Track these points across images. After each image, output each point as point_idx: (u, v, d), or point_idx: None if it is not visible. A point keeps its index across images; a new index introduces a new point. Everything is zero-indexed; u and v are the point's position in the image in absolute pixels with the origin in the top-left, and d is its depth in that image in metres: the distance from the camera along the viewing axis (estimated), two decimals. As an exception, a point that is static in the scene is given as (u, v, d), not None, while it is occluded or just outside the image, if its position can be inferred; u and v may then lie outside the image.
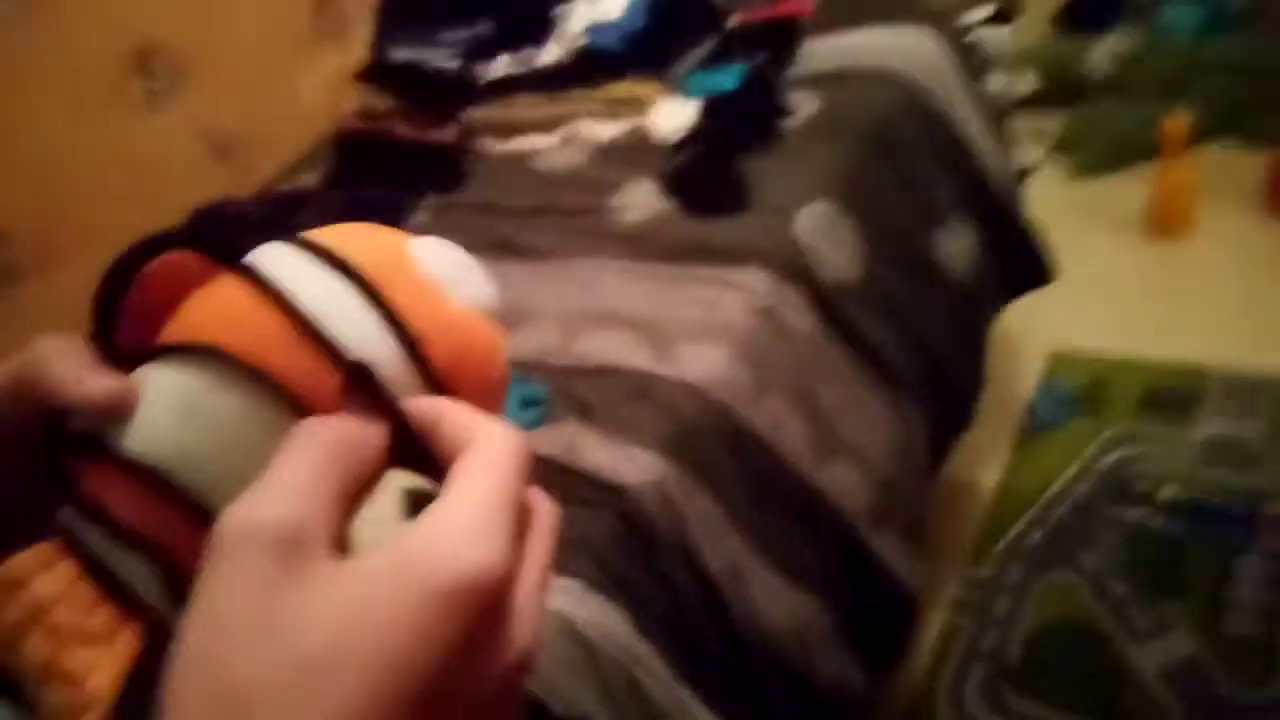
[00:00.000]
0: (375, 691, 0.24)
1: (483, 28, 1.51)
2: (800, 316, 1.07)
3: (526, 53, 1.51)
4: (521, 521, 0.28)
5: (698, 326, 1.02)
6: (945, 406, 1.25)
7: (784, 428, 1.02)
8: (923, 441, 1.19)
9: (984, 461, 1.53)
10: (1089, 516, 1.41)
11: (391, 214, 1.32)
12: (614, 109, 1.44)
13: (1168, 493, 1.42)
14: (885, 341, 1.15)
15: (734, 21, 1.57)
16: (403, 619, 0.24)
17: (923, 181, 1.26)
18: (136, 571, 0.31)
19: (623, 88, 1.44)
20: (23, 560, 0.31)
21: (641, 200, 1.24)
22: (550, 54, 1.48)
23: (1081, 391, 1.61)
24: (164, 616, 0.31)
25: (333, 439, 0.28)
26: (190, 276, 0.34)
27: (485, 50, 1.50)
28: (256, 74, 1.55)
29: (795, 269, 1.08)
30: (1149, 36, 2.31)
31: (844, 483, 1.07)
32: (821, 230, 1.12)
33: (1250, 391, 1.53)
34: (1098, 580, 1.33)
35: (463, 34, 1.50)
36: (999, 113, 1.48)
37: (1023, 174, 2.12)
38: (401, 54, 1.52)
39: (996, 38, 2.04)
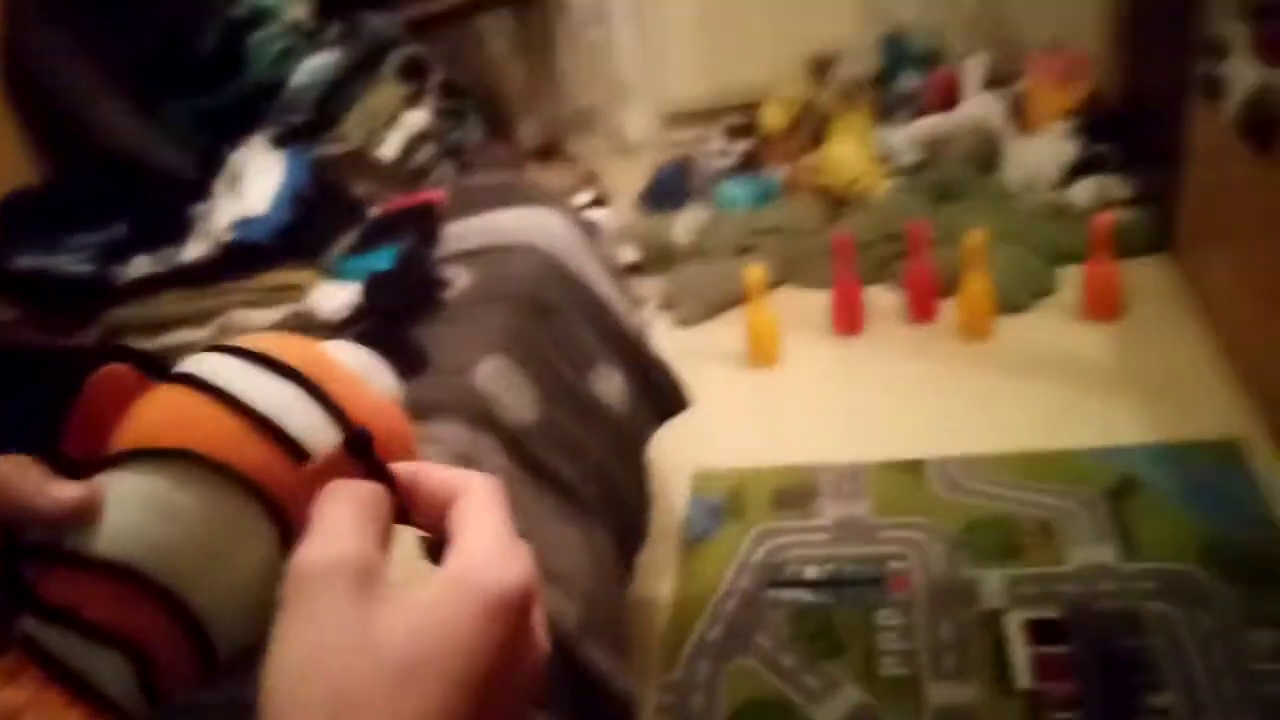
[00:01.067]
0: (451, 683, 0.30)
1: (115, 230, 1.49)
2: (495, 458, 1.17)
3: (166, 252, 1.51)
4: None
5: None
6: (625, 525, 1.39)
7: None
8: (612, 559, 1.32)
9: (658, 575, 1.69)
10: (754, 605, 1.61)
11: (36, 424, 1.25)
12: (269, 297, 1.48)
13: (811, 572, 1.66)
14: (568, 474, 1.28)
15: (374, 211, 1.69)
16: (465, 626, 0.31)
17: (572, 334, 1.44)
18: (109, 669, 0.32)
19: (276, 276, 1.50)
20: None
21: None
22: (194, 250, 1.50)
23: (724, 501, 1.85)
24: (134, 712, 0.33)
25: (363, 495, 0.34)
26: (126, 389, 0.36)
27: (120, 253, 1.49)
28: None
29: (483, 417, 1.19)
30: (714, 210, 2.76)
31: (556, 604, 1.16)
32: (499, 381, 1.24)
33: (853, 479, 1.84)
34: (772, 658, 1.52)
35: (93, 238, 1.48)
36: (618, 274, 1.72)
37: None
38: (26, 262, 1.46)
39: (598, 218, 2.35)
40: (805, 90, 2.98)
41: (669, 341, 2.37)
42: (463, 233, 1.55)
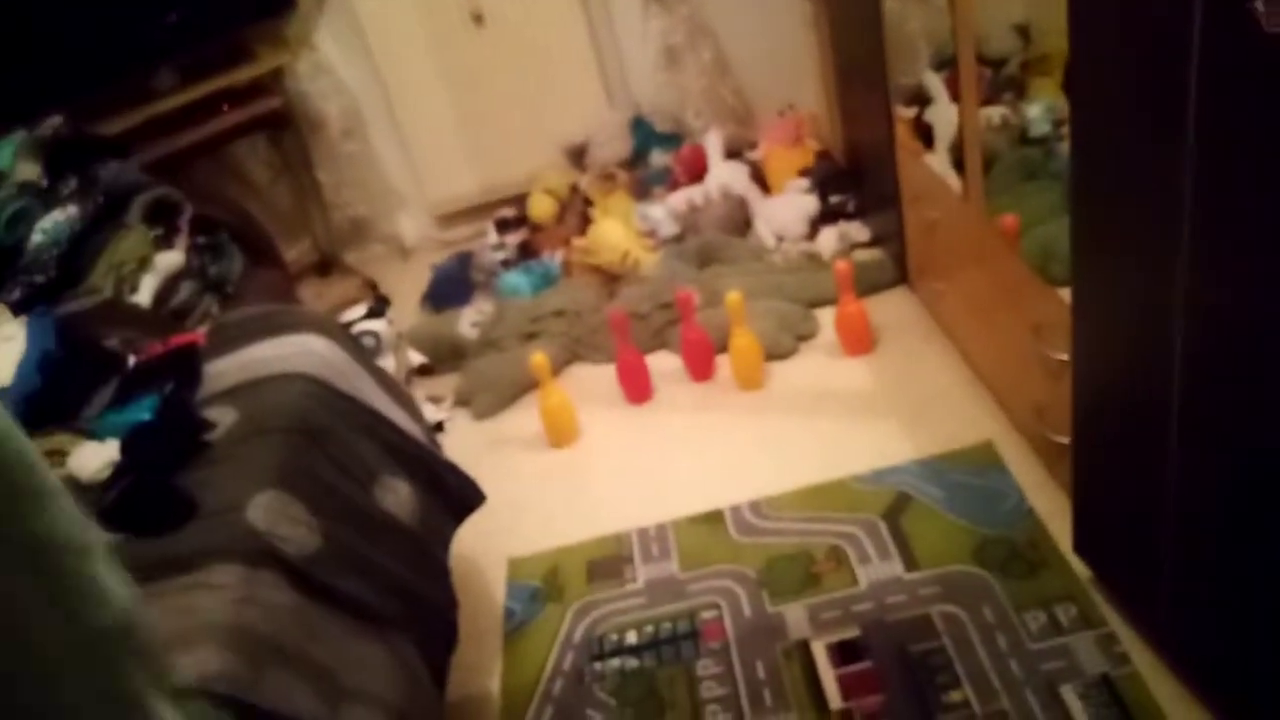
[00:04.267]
0: None
1: None
2: (279, 593, 1.16)
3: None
4: None
5: (179, 636, 1.06)
6: (431, 631, 1.40)
7: (292, 694, 1.09)
8: (421, 667, 1.32)
9: (485, 672, 1.70)
10: (580, 682, 1.64)
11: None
12: (27, 469, 1.42)
13: (631, 638, 1.70)
14: (362, 593, 1.28)
15: (132, 361, 1.65)
16: None
17: (351, 452, 1.45)
18: None
19: (34, 444, 1.44)
20: None
21: (84, 543, 1.25)
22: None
23: (541, 584, 1.87)
24: None
25: None
26: None
27: None
28: None
29: (260, 554, 1.18)
30: (498, 301, 2.82)
31: (364, 724, 1.16)
32: (274, 514, 1.23)
33: (660, 539, 1.91)
34: (604, 730, 1.55)
35: None
36: (397, 384, 1.74)
37: (439, 426, 2.43)
38: None
39: (377, 327, 2.37)
40: (567, 177, 3.11)
41: (471, 435, 2.40)
42: (224, 370, 1.54)
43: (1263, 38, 0.85)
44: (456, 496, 1.65)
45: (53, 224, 1.91)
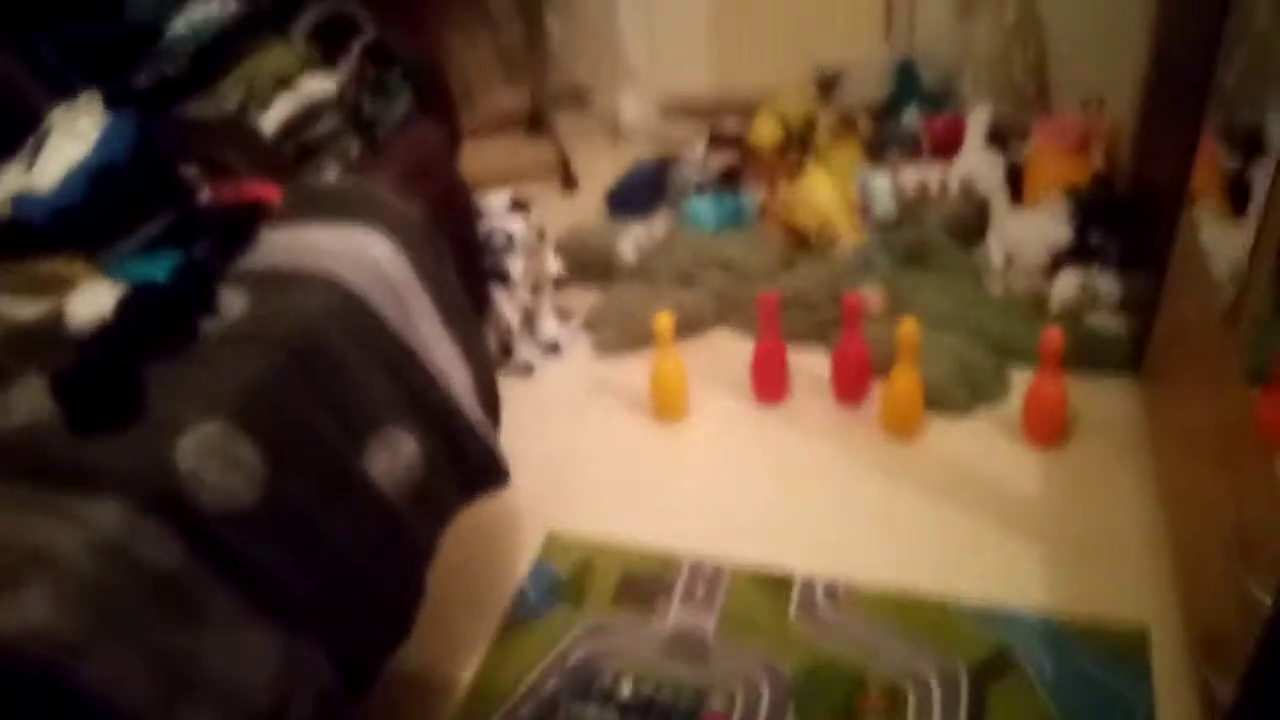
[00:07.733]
0: None
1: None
2: (160, 551, 0.97)
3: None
4: None
5: (17, 570, 0.89)
6: (361, 627, 1.19)
7: (123, 676, 0.91)
8: (325, 670, 1.12)
9: (465, 653, 1.50)
10: (553, 715, 1.41)
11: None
12: (36, 287, 1.30)
13: (625, 689, 1.44)
14: (282, 570, 1.08)
15: (204, 198, 1.49)
16: None
17: (353, 392, 1.23)
18: None
19: (48, 265, 1.31)
20: None
21: (26, 403, 1.10)
22: (-38, 223, 1.32)
23: (567, 576, 1.64)
24: None
25: None
26: None
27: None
28: None
29: (164, 499, 0.99)
30: (675, 226, 2.52)
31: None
32: (209, 454, 1.04)
33: (711, 581, 1.62)
34: (539, 791, 1.32)
35: None
36: (465, 312, 1.50)
37: (554, 347, 2.20)
38: None
39: (513, 228, 2.12)
40: (806, 105, 2.70)
41: (580, 369, 2.16)
42: (269, 245, 1.34)
43: None
44: (475, 467, 1.42)
45: (202, 15, 1.75)
